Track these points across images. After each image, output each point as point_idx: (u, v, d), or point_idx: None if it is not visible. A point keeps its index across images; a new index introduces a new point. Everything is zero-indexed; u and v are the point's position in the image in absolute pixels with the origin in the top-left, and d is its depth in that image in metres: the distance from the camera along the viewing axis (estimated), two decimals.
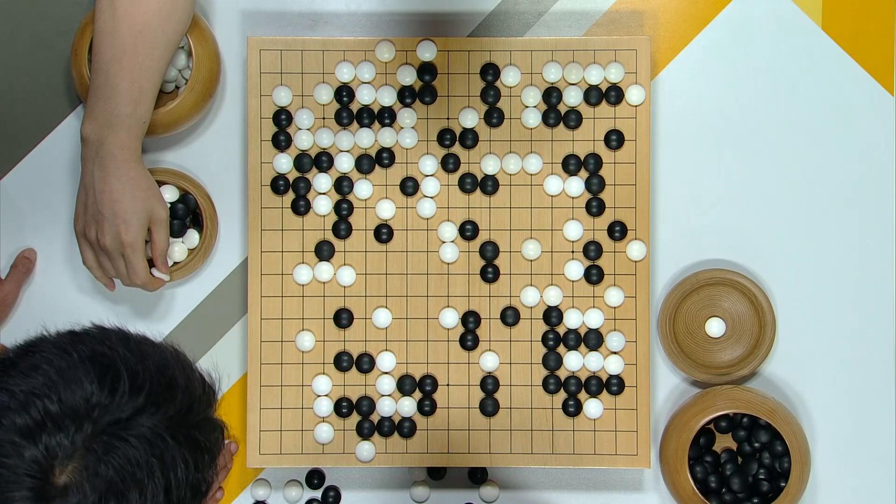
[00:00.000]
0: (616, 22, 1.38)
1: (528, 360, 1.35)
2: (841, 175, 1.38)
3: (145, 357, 0.92)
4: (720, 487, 1.34)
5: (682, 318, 1.37)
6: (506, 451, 1.35)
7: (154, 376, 0.91)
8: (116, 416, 0.87)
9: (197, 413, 0.93)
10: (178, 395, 0.91)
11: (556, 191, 1.35)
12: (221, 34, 1.38)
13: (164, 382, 0.91)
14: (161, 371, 0.92)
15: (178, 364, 0.95)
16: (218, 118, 1.39)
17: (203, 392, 0.95)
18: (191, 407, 0.92)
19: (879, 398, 1.37)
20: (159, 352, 0.94)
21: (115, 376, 0.89)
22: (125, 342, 0.93)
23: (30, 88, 1.39)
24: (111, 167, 1.22)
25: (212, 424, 0.96)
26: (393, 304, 1.35)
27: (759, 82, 1.38)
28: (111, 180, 1.23)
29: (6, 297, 1.36)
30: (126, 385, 0.88)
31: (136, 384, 0.89)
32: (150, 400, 0.89)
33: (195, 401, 0.93)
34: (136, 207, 1.24)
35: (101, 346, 0.91)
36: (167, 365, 0.93)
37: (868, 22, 1.38)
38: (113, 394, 0.88)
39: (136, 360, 0.91)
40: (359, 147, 1.36)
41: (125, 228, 1.24)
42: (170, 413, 0.90)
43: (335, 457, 1.35)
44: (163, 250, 1.29)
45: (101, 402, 0.87)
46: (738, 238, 1.38)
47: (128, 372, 0.89)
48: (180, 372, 0.94)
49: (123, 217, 1.24)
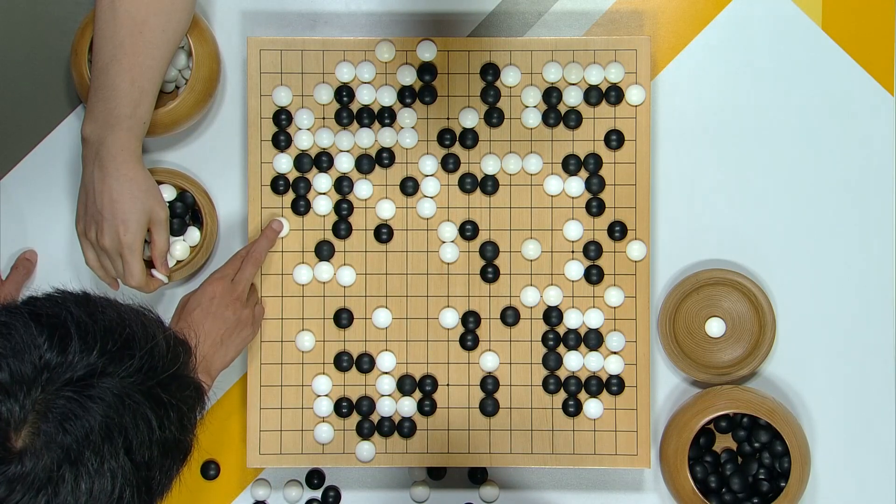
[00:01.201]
0: (616, 22, 1.38)
1: (528, 360, 1.35)
2: (841, 175, 1.38)
3: (99, 315, 0.90)
4: (720, 487, 1.34)
5: (682, 318, 1.37)
6: (506, 451, 1.35)
7: (108, 334, 0.89)
8: (69, 375, 0.86)
9: (162, 371, 0.90)
10: (137, 352, 0.89)
11: (556, 191, 1.35)
12: (221, 34, 1.38)
13: (120, 340, 0.89)
14: (117, 328, 0.90)
15: (138, 322, 0.92)
16: (218, 118, 1.39)
17: (169, 349, 0.92)
18: (153, 365, 0.90)
19: (879, 398, 1.38)
20: (117, 310, 0.92)
21: (65, 335, 0.87)
22: (80, 303, 0.91)
23: (30, 88, 1.39)
24: (111, 168, 1.22)
25: (181, 382, 0.93)
26: (393, 304, 1.35)
27: (759, 82, 1.38)
28: (110, 181, 1.23)
29: (6, 298, 1.36)
30: (76, 343, 0.87)
31: (87, 341, 0.87)
32: (104, 358, 0.87)
33: (160, 358, 0.91)
34: (135, 208, 1.24)
35: (53, 307, 0.89)
36: (124, 323, 0.91)
37: (868, 22, 1.38)
38: (63, 352, 0.86)
39: (88, 318, 0.89)
40: (359, 147, 1.36)
41: (124, 229, 1.24)
42: (127, 371, 0.88)
43: (335, 457, 1.35)
44: (162, 251, 1.29)
45: (50, 362, 0.85)
46: (738, 238, 1.38)
47: (78, 330, 0.87)
48: (140, 329, 0.91)
49: (122, 218, 1.24)
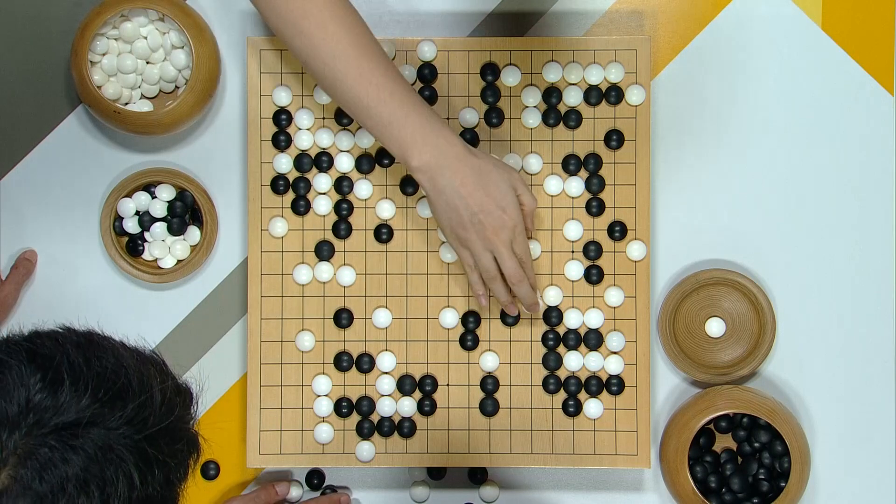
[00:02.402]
0: (616, 22, 1.38)
1: (528, 360, 1.35)
2: (841, 175, 1.38)
3: (95, 361, 0.87)
4: (720, 487, 1.34)
5: (682, 318, 1.37)
6: (506, 451, 1.35)
7: (102, 381, 0.86)
8: (55, 420, 0.83)
9: (153, 424, 0.87)
10: (129, 404, 0.86)
11: (556, 191, 1.35)
12: (221, 34, 1.38)
13: (113, 389, 0.86)
14: (111, 376, 0.87)
15: (136, 371, 0.89)
16: (218, 118, 1.39)
17: (164, 402, 0.89)
18: (144, 418, 0.87)
19: (879, 398, 1.38)
20: (117, 356, 0.89)
21: (57, 378, 0.84)
22: (80, 345, 0.88)
23: (30, 88, 1.39)
24: (462, 167, 1.19)
25: (173, 435, 0.89)
26: (393, 304, 1.35)
27: (759, 82, 1.38)
28: (468, 180, 1.19)
29: (6, 298, 1.36)
30: (67, 388, 0.84)
31: (78, 387, 0.84)
32: (94, 406, 0.84)
33: (152, 412, 0.88)
34: (503, 187, 1.21)
35: (52, 347, 0.87)
36: (120, 371, 0.88)
37: (868, 22, 1.38)
38: (53, 396, 0.84)
39: (83, 363, 0.86)
40: (359, 147, 1.36)
41: (507, 215, 1.21)
42: (116, 422, 0.85)
43: (335, 457, 1.35)
44: (532, 209, 1.25)
45: (38, 405, 0.83)
46: (738, 238, 1.38)
47: (70, 374, 0.85)
48: (137, 379, 0.88)
49: (501, 204, 1.20)
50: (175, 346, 1.38)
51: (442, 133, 1.19)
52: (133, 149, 1.39)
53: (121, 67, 1.34)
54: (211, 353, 1.38)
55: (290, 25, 1.17)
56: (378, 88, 1.18)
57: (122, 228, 1.38)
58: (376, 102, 1.18)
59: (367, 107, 1.18)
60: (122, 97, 1.35)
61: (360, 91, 1.18)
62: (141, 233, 1.38)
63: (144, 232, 1.37)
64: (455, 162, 1.19)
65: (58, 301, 1.38)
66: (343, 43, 1.17)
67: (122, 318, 1.38)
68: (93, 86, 1.30)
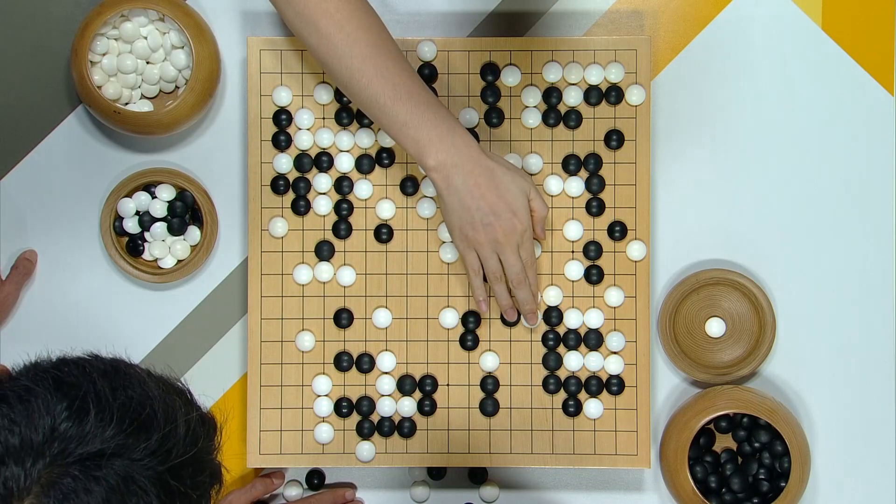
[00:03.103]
0: (616, 22, 1.38)
1: (528, 360, 1.35)
2: (841, 175, 1.38)
3: (121, 391, 0.87)
4: (720, 487, 1.34)
5: (682, 318, 1.37)
6: (506, 451, 1.35)
7: (126, 412, 0.86)
8: (80, 450, 0.83)
9: (176, 456, 0.87)
10: (154, 435, 0.86)
11: (556, 191, 1.35)
12: (221, 34, 1.38)
13: (137, 420, 0.86)
14: (137, 407, 0.87)
15: (161, 401, 0.89)
16: (218, 118, 1.39)
17: (188, 433, 0.89)
18: (168, 449, 0.87)
19: (879, 398, 1.38)
20: (143, 386, 0.89)
21: (82, 407, 0.84)
22: (107, 374, 0.88)
23: (30, 88, 1.39)
24: (475, 169, 1.19)
25: (197, 467, 0.89)
26: (393, 304, 1.35)
27: (759, 82, 1.38)
28: (481, 181, 1.20)
29: (6, 298, 1.36)
30: (93, 418, 0.84)
31: (103, 417, 0.84)
32: (119, 436, 0.85)
33: (176, 443, 0.87)
34: (515, 192, 1.21)
35: (78, 375, 0.87)
36: (146, 402, 0.88)
37: (868, 22, 1.38)
38: (78, 425, 0.84)
39: (109, 392, 0.86)
40: (359, 147, 1.36)
41: (518, 218, 1.21)
42: (140, 454, 0.85)
43: (335, 457, 1.35)
44: (542, 216, 1.25)
45: (64, 434, 0.83)
46: (738, 238, 1.38)
47: (96, 404, 0.85)
48: (162, 410, 0.88)
49: (512, 208, 1.21)
50: (175, 346, 1.38)
51: (458, 133, 1.19)
52: (133, 149, 1.39)
53: (121, 67, 1.34)
54: (211, 353, 1.38)
55: (309, 24, 1.18)
56: (394, 88, 1.18)
57: (122, 228, 1.38)
58: (392, 102, 1.18)
59: (384, 105, 1.18)
60: (122, 97, 1.35)
61: (376, 90, 1.18)
62: (141, 233, 1.38)
63: (144, 232, 1.38)
64: (470, 162, 1.19)
65: (58, 301, 1.38)
66: (360, 42, 1.18)
67: (123, 319, 1.38)
68: (93, 86, 1.30)
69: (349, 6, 1.18)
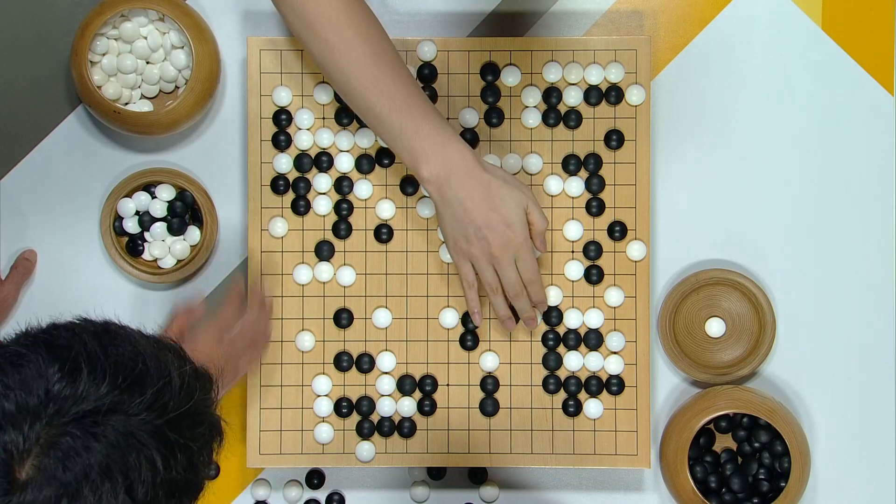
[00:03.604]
0: (616, 22, 1.38)
1: (528, 360, 1.35)
2: (841, 175, 1.38)
3: (112, 348, 0.89)
4: (720, 487, 1.34)
5: (682, 318, 1.37)
6: (506, 451, 1.35)
7: (119, 368, 0.87)
8: (75, 409, 0.85)
9: (173, 409, 0.88)
10: (148, 389, 0.87)
11: (556, 191, 1.35)
12: (221, 34, 1.38)
13: (131, 375, 0.87)
14: (129, 363, 0.88)
15: (154, 357, 0.90)
16: (218, 118, 1.39)
17: (183, 386, 0.90)
18: (164, 403, 0.88)
19: (879, 398, 1.38)
20: (133, 343, 0.90)
21: (75, 367, 0.86)
22: (97, 334, 0.90)
23: (30, 88, 1.39)
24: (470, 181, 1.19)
25: (194, 419, 0.90)
26: (393, 304, 1.35)
27: (759, 82, 1.38)
28: (476, 194, 1.19)
29: (6, 298, 1.36)
30: (86, 376, 0.85)
31: (96, 375, 0.86)
32: (113, 393, 0.86)
33: (171, 396, 0.89)
34: (512, 205, 1.20)
35: (69, 337, 0.89)
36: (137, 358, 0.89)
37: (868, 22, 1.38)
38: (72, 385, 0.85)
39: (100, 351, 0.88)
40: (359, 147, 1.36)
41: (512, 232, 1.20)
42: (136, 408, 0.86)
43: (335, 457, 1.35)
44: (541, 230, 1.24)
45: (58, 394, 0.85)
46: (738, 238, 1.38)
47: (88, 363, 0.86)
48: (154, 365, 0.89)
49: (507, 221, 1.20)
50: None
51: (453, 145, 1.19)
52: (133, 149, 1.39)
53: (121, 67, 1.34)
54: None
55: (309, 30, 1.18)
56: (391, 98, 1.18)
57: (122, 228, 1.38)
58: (388, 111, 1.18)
59: (380, 115, 1.19)
60: (122, 97, 1.35)
61: (372, 99, 1.18)
62: (141, 233, 1.38)
63: (144, 232, 1.38)
64: (464, 175, 1.19)
65: (58, 301, 1.38)
66: (358, 50, 1.18)
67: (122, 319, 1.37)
68: (93, 86, 1.30)
69: (349, 12, 1.18)
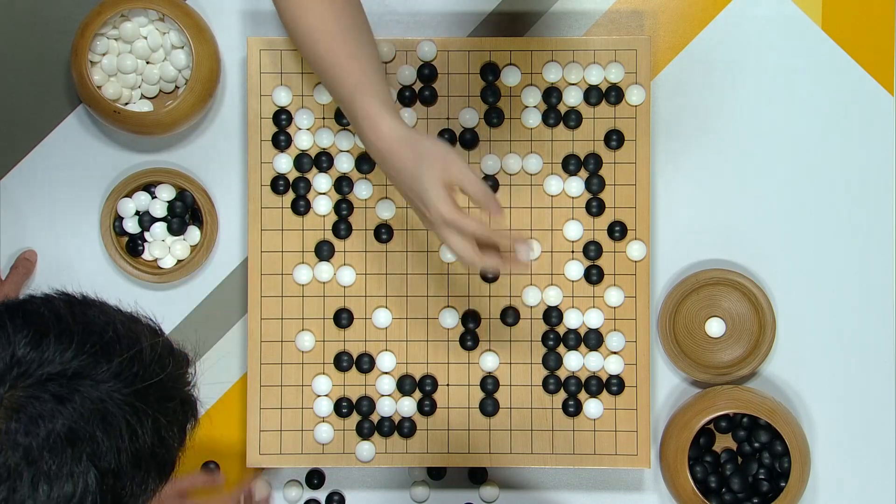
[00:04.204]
0: (616, 22, 1.38)
1: (528, 360, 1.35)
2: (841, 175, 1.38)
3: (81, 316, 0.88)
4: (720, 487, 1.34)
5: (682, 318, 1.37)
6: (506, 451, 1.35)
7: (88, 334, 0.87)
8: (41, 371, 0.84)
9: (142, 379, 0.88)
10: (116, 357, 0.87)
11: (556, 191, 1.35)
12: (221, 34, 1.38)
13: (100, 342, 0.87)
14: (98, 330, 0.88)
15: (126, 327, 0.90)
16: (218, 118, 1.39)
17: (155, 358, 0.90)
18: (134, 372, 0.87)
19: (879, 398, 1.38)
20: (106, 314, 0.90)
21: (42, 331, 0.85)
22: (70, 303, 0.90)
23: (30, 88, 1.39)
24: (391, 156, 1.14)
25: (165, 393, 0.89)
26: (393, 304, 1.35)
27: (759, 82, 1.38)
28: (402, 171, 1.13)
29: (6, 298, 1.35)
30: (52, 340, 0.85)
31: (62, 339, 0.86)
32: (80, 357, 0.86)
33: (141, 366, 0.88)
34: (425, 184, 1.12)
35: (40, 304, 0.88)
36: (108, 325, 0.89)
37: (868, 22, 1.38)
38: (37, 349, 0.85)
39: (70, 317, 0.87)
40: (359, 147, 1.36)
41: (429, 211, 1.12)
42: (104, 375, 0.86)
43: (335, 457, 1.35)
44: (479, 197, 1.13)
45: (23, 358, 0.84)
46: (738, 238, 1.38)
47: (56, 327, 0.86)
48: (126, 333, 0.89)
49: (422, 199, 1.12)
50: None
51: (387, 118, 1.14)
52: (133, 149, 1.39)
53: (121, 67, 1.34)
54: (211, 354, 1.38)
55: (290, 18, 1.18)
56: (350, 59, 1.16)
57: (122, 228, 1.38)
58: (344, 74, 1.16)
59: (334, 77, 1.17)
60: (122, 97, 1.35)
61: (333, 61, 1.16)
62: (141, 233, 1.38)
63: (144, 232, 1.38)
64: (395, 145, 1.13)
65: None
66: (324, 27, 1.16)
67: None
68: (93, 86, 1.30)
69: None
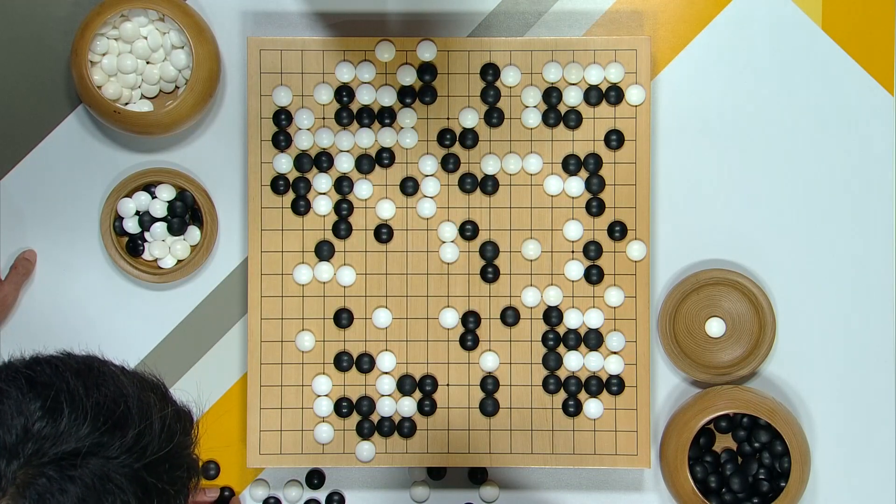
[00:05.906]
0: (616, 22, 1.38)
1: (528, 360, 1.35)
2: (841, 175, 1.38)
3: (94, 390, 0.87)
4: (720, 487, 1.34)
5: (682, 318, 1.37)
6: (506, 451, 1.35)
7: (101, 410, 0.86)
8: (54, 450, 0.83)
9: (152, 453, 0.87)
10: (129, 432, 0.86)
11: (556, 191, 1.35)
12: (221, 34, 1.38)
13: (112, 418, 0.86)
14: (111, 405, 0.87)
15: (136, 398, 0.89)
16: (218, 118, 1.39)
17: (164, 429, 0.89)
18: (144, 446, 0.87)
19: (879, 398, 1.38)
20: (117, 384, 0.89)
21: (56, 407, 0.84)
22: (80, 373, 0.88)
23: (30, 88, 1.39)
24: None
25: (174, 462, 0.89)
26: (393, 304, 1.35)
27: (759, 82, 1.38)
28: None
29: (5, 298, 1.36)
30: (66, 417, 0.84)
31: (77, 416, 0.84)
32: (93, 434, 0.84)
33: (151, 440, 0.87)
34: None
35: (51, 374, 0.87)
36: (120, 399, 0.88)
37: (868, 22, 1.38)
38: (52, 424, 0.84)
39: (83, 391, 0.86)
40: (359, 147, 1.36)
41: None
42: (116, 451, 0.85)
43: (335, 457, 1.35)
44: None
45: (38, 433, 0.83)
46: (738, 238, 1.38)
47: (70, 403, 0.85)
48: (137, 408, 0.88)
49: None
50: (175, 346, 1.38)
51: None
52: (133, 149, 1.39)
53: (121, 67, 1.34)
54: (211, 353, 1.38)
55: None
56: None
57: (122, 228, 1.38)
58: None
59: None
60: (122, 97, 1.35)
61: None
62: (141, 233, 1.38)
63: (144, 232, 1.38)
64: None
65: (57, 301, 1.38)
66: None
67: (122, 319, 1.38)
68: (93, 86, 1.30)
69: None
